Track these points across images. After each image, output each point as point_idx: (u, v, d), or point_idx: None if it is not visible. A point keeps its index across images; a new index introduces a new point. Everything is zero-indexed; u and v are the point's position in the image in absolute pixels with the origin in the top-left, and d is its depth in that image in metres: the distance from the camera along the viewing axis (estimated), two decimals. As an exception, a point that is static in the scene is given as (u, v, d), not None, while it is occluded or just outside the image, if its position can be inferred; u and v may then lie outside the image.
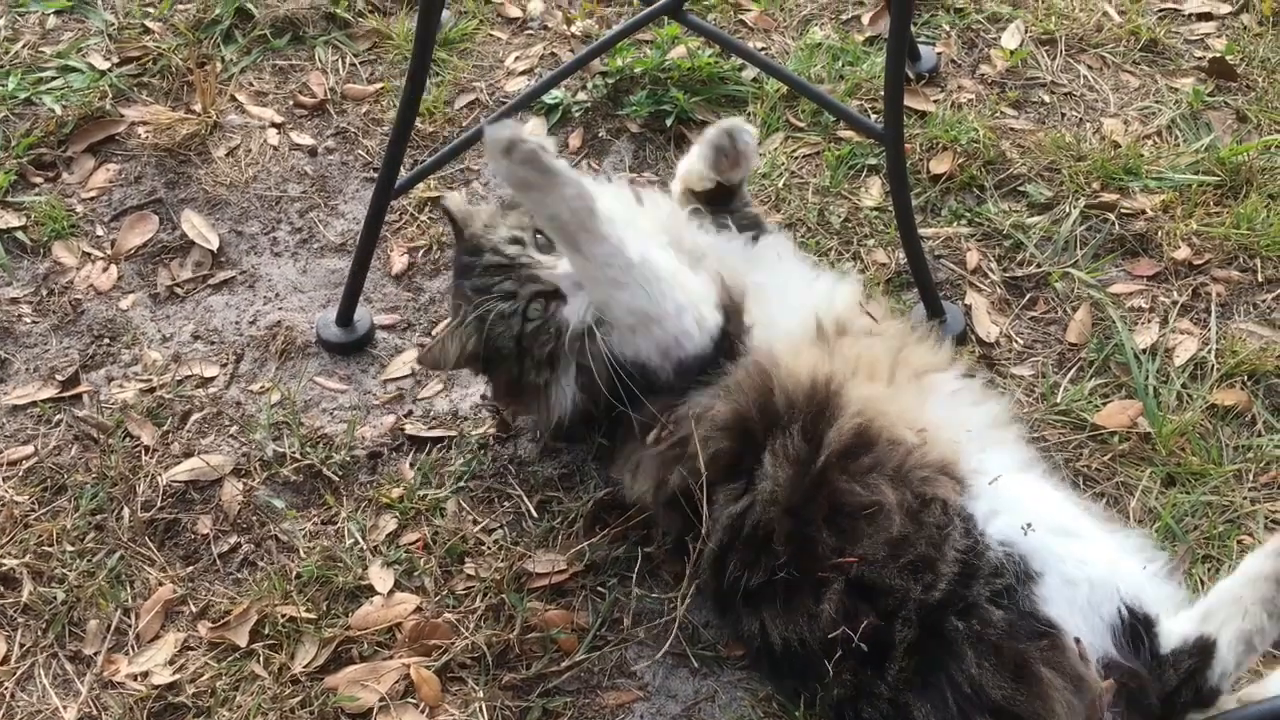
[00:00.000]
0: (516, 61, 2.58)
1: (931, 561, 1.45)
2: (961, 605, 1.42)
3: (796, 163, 2.34)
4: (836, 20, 2.65)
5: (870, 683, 1.45)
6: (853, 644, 1.42)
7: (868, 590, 1.47)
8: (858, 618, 1.44)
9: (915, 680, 1.42)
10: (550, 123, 2.44)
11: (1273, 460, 1.85)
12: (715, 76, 2.46)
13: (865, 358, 1.64)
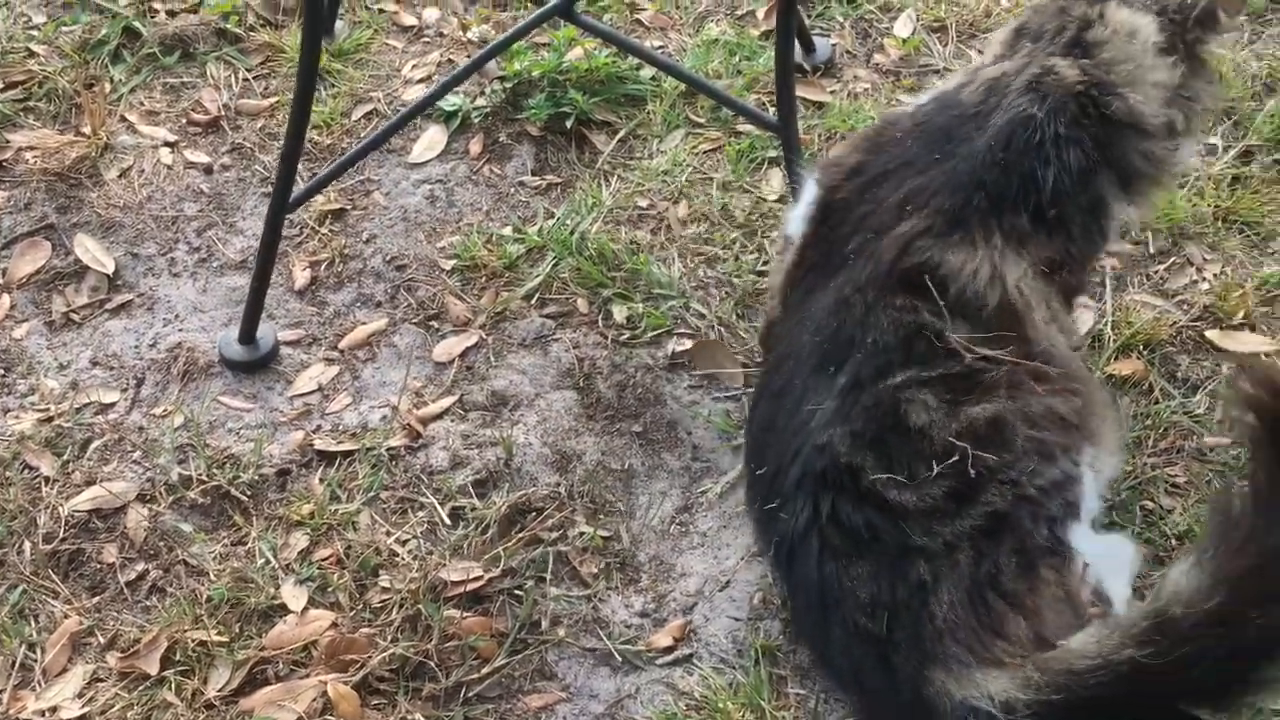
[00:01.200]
0: (414, 70, 2.57)
1: (1051, 454, 1.46)
2: (1038, 506, 1.43)
3: (698, 158, 2.36)
4: (732, 16, 2.67)
5: (942, 513, 1.42)
6: (966, 462, 1.40)
7: (1001, 426, 1.45)
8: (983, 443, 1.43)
9: (971, 539, 1.41)
10: (450, 129, 2.43)
11: (1170, 426, 1.91)
12: (613, 76, 2.47)
13: None
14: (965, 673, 1.35)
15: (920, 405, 1.45)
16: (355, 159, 2.10)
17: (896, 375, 1.47)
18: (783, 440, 1.53)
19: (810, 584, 1.46)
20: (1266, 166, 2.29)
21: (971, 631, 1.37)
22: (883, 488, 1.43)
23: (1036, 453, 1.45)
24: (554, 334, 2.09)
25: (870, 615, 1.41)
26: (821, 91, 2.49)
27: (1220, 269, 2.13)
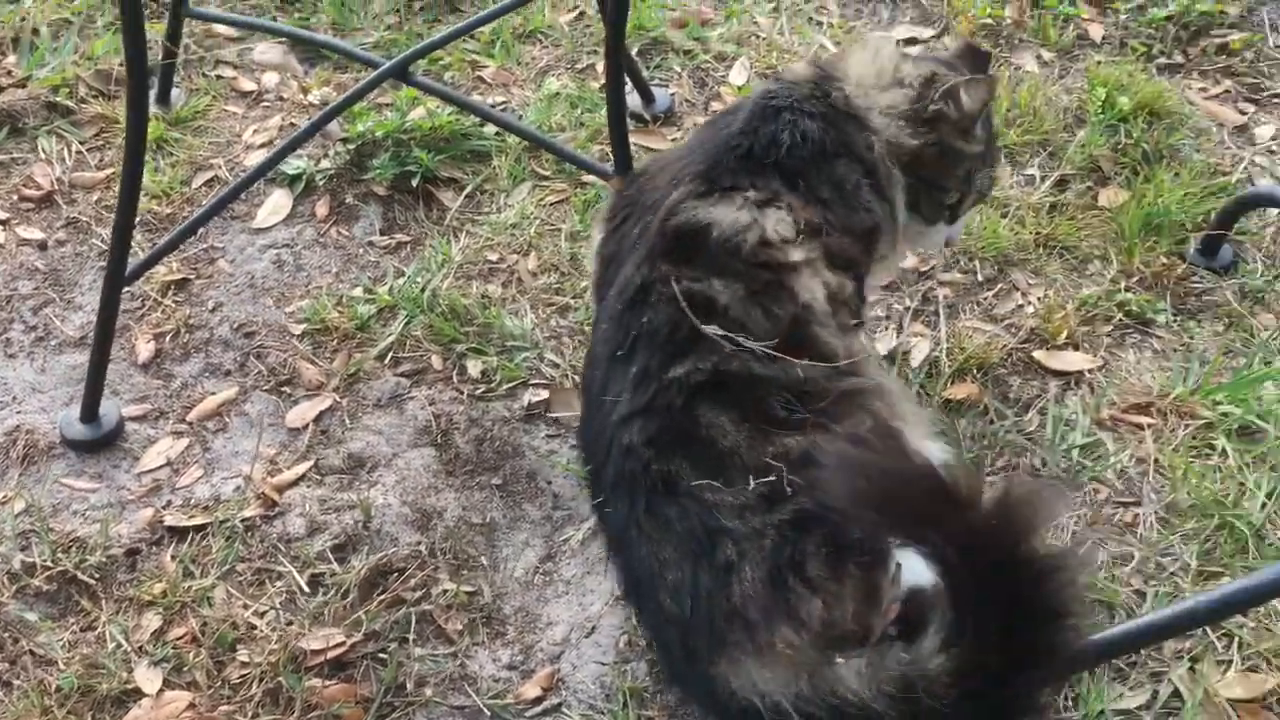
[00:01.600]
0: (255, 135, 2.56)
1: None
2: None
3: (546, 210, 2.40)
4: (573, 70, 2.73)
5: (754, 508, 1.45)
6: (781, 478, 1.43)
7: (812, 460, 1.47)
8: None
9: (780, 528, 1.43)
10: (295, 193, 2.42)
11: (1006, 445, 2.00)
12: (457, 133, 2.50)
13: None
14: (742, 663, 1.38)
15: (720, 430, 1.49)
16: (194, 227, 2.08)
17: (677, 367, 1.52)
18: (597, 435, 1.57)
19: (634, 575, 1.51)
20: (1080, 193, 2.43)
21: (764, 611, 1.39)
22: (699, 491, 1.47)
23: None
24: (409, 392, 2.09)
25: (675, 598, 1.44)
26: (663, 139, 2.56)
27: (1043, 293, 2.25)
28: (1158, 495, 1.92)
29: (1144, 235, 2.31)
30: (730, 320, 1.54)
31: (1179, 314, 2.22)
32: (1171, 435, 2.00)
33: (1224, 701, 1.66)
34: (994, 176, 1.90)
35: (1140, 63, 2.74)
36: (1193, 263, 2.30)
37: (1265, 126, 2.61)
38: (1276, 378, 2.07)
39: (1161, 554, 1.84)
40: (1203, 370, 2.08)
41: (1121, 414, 2.04)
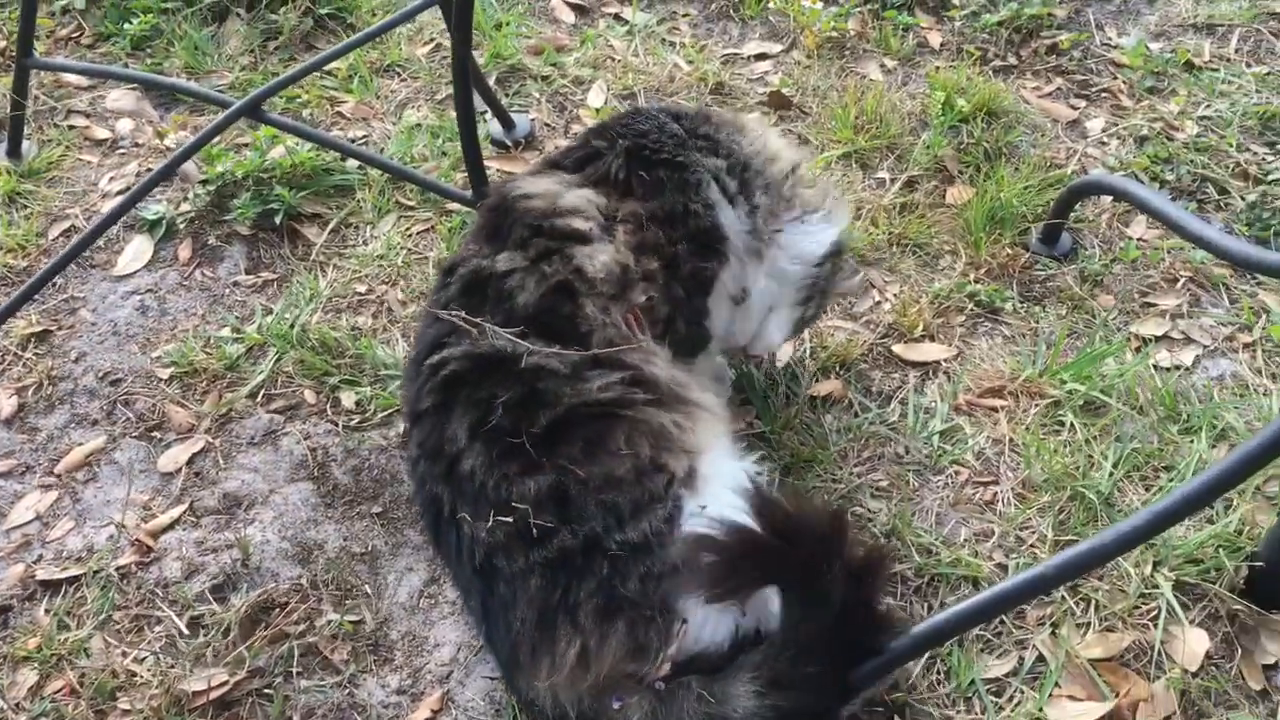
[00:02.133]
0: (111, 182, 2.53)
1: (623, 517, 1.51)
2: (621, 562, 1.49)
3: (412, 239, 2.42)
4: (432, 101, 2.76)
5: (518, 550, 1.52)
6: (528, 524, 1.50)
7: (564, 496, 1.52)
8: (542, 508, 1.51)
9: (545, 574, 1.50)
10: (156, 238, 2.41)
11: (870, 436, 2.08)
12: (319, 169, 2.51)
13: None
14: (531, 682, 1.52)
15: (455, 444, 1.57)
16: (47, 278, 2.06)
17: (434, 356, 1.62)
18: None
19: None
20: (928, 193, 2.54)
21: (532, 647, 1.51)
22: (460, 520, 1.56)
23: (613, 516, 1.52)
24: (283, 428, 2.09)
25: (480, 616, 1.58)
26: (525, 164, 2.59)
27: (899, 289, 2.34)
28: (1014, 473, 2.02)
29: (989, 229, 2.43)
30: (506, 298, 1.64)
31: (1025, 301, 2.33)
32: (1024, 415, 2.10)
33: (1085, 662, 1.75)
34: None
35: (977, 66, 2.87)
36: (1035, 252, 2.42)
37: (1095, 120, 2.77)
38: (1116, 354, 2.20)
39: (1020, 528, 1.93)
40: (1049, 352, 2.19)
41: (977, 399, 2.14)
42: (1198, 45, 2.98)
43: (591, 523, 1.51)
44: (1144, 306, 2.33)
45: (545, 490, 1.52)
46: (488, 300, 1.65)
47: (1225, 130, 2.70)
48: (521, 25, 2.98)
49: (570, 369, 1.59)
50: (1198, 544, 1.86)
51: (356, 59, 2.81)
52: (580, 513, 1.51)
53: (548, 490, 1.52)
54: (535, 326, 1.62)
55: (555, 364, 1.59)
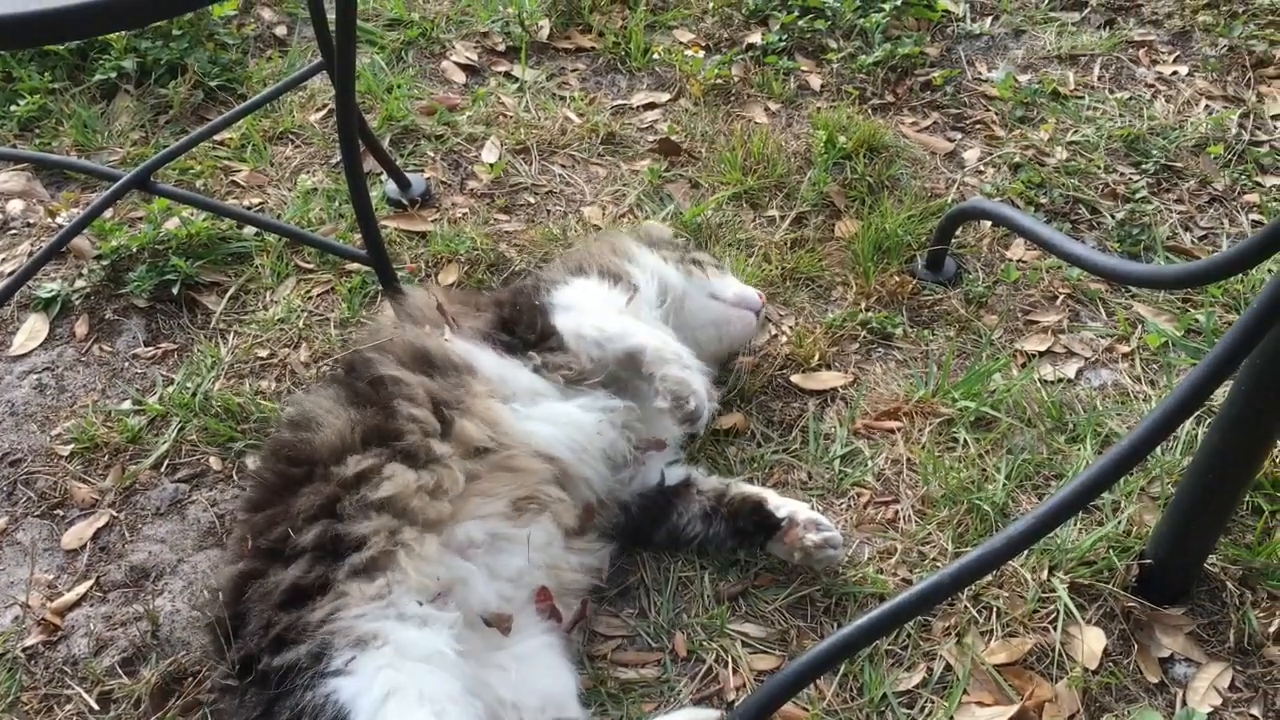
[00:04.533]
0: (3, 264, 2.51)
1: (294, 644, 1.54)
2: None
3: (312, 302, 2.43)
4: (327, 165, 2.79)
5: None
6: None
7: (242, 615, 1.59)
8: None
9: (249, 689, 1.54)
10: (51, 316, 2.38)
11: (774, 464, 2.13)
12: (215, 238, 2.51)
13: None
14: None
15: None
16: (-59, 360, 2.02)
17: None
18: None
19: None
20: (818, 227, 2.63)
21: None
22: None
23: (275, 639, 1.54)
24: (189, 497, 2.07)
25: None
26: (423, 222, 2.63)
27: (794, 321, 2.41)
28: (913, 490, 2.08)
29: (877, 258, 2.51)
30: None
31: (915, 325, 2.41)
32: (919, 435, 2.17)
33: (990, 668, 1.81)
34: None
35: (856, 105, 2.98)
36: (921, 278, 2.51)
37: (971, 150, 2.88)
38: (1003, 371, 2.28)
39: (921, 543, 1.99)
40: (939, 373, 2.27)
41: (874, 421, 2.20)
42: (1063, 75, 3.13)
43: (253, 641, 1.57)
44: (1027, 324, 2.43)
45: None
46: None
47: (1093, 153, 2.84)
48: (413, 88, 3.02)
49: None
50: (1090, 546, 1.93)
51: (249, 128, 2.82)
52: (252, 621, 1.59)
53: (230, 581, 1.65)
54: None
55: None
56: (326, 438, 1.72)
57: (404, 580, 1.59)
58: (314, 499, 1.65)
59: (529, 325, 1.94)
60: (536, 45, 3.20)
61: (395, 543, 1.62)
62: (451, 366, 1.85)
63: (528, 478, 1.78)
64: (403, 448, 1.71)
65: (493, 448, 1.77)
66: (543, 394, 1.88)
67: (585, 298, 2.01)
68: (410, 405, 1.76)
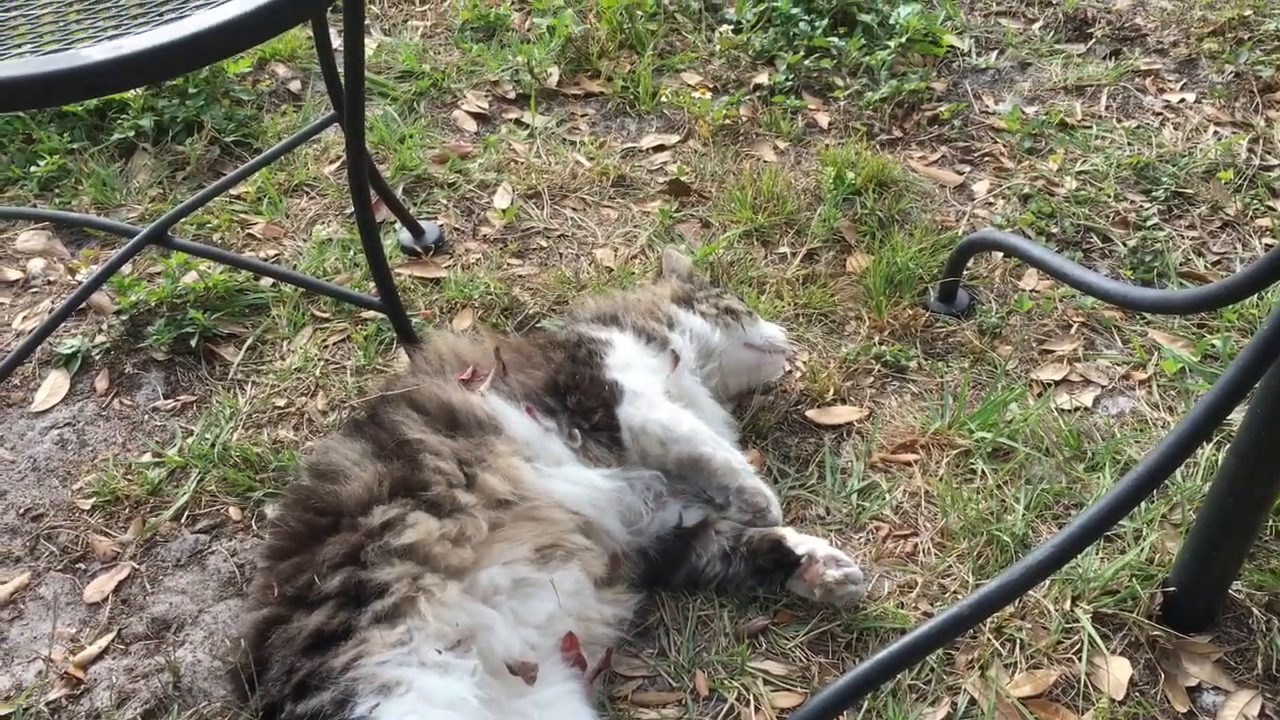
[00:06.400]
0: (25, 321, 2.54)
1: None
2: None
3: (329, 350, 2.46)
4: (342, 215, 2.82)
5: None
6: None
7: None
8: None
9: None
10: (71, 372, 2.41)
11: (791, 500, 2.13)
12: (232, 290, 2.54)
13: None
14: None
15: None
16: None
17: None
18: None
19: None
20: (829, 263, 2.64)
21: None
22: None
23: (298, 685, 1.56)
24: (209, 547, 2.08)
25: None
26: (437, 268, 2.66)
27: (808, 356, 2.41)
28: (931, 523, 2.07)
29: (889, 292, 2.52)
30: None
31: (929, 357, 2.41)
32: (936, 467, 2.16)
33: (1015, 701, 1.79)
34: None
35: (864, 141, 3.00)
36: (934, 310, 2.51)
37: (980, 182, 2.90)
38: (1019, 400, 2.28)
39: (942, 576, 1.98)
40: (955, 404, 2.27)
41: (891, 454, 2.20)
42: (1070, 106, 3.14)
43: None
44: (1042, 353, 2.43)
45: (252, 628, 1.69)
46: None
47: (1103, 182, 2.84)
48: (425, 137, 3.06)
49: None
50: (1112, 575, 1.92)
51: (265, 181, 2.86)
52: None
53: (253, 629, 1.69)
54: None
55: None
56: (354, 490, 1.74)
57: (424, 627, 1.59)
58: (339, 547, 1.66)
59: (586, 406, 1.96)
60: (546, 92, 3.24)
61: (417, 589, 1.62)
62: (476, 424, 1.87)
63: (551, 526, 1.79)
64: (428, 498, 1.73)
65: (514, 500, 1.78)
66: (567, 461, 1.90)
67: (635, 369, 2.04)
68: (436, 459, 1.78)
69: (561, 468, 1.88)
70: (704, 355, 2.17)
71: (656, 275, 2.50)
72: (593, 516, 1.86)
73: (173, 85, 3.06)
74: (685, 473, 1.99)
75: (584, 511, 1.85)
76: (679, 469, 1.98)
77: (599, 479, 1.90)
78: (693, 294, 2.28)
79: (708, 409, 2.11)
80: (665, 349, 2.11)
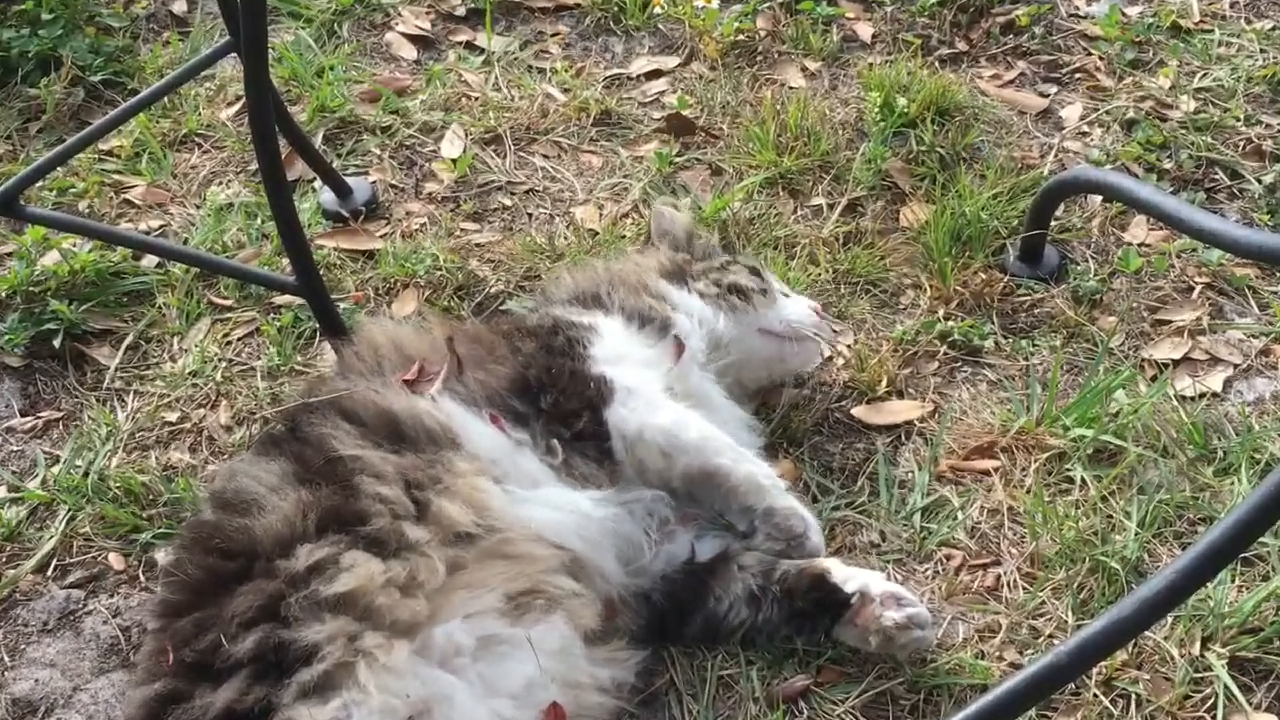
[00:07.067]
0: None
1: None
2: None
3: (233, 348, 2.45)
4: (245, 174, 2.81)
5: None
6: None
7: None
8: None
9: None
10: (-100, 384, 2.41)
11: (836, 524, 2.12)
12: (106, 274, 2.54)
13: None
14: None
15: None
16: None
17: None
18: None
19: None
20: (877, 216, 2.63)
21: None
22: None
23: None
24: (84, 606, 2.08)
25: None
26: (370, 238, 2.65)
27: (852, 338, 2.41)
28: (1017, 548, 2.07)
29: (955, 252, 2.51)
30: None
31: (1009, 334, 2.41)
32: (1022, 475, 2.16)
33: (1133, 773, 1.79)
34: None
35: (919, 58, 3.00)
36: (1015, 274, 2.51)
37: (1071, 107, 2.89)
38: (1127, 387, 2.27)
39: (1032, 615, 1.97)
40: (1045, 394, 2.26)
41: (963, 461, 2.20)
42: (1184, 4, 3.14)
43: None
44: (1155, 325, 2.42)
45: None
46: None
47: (1229, 102, 2.84)
48: (350, 68, 3.05)
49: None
50: (1253, 609, 1.92)
51: (144, 132, 2.86)
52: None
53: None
54: None
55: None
56: (271, 524, 1.72)
57: (365, 701, 1.58)
58: (253, 598, 1.65)
59: (566, 409, 1.95)
60: (505, 5, 3.24)
61: (354, 651, 1.61)
62: (427, 436, 1.85)
63: (528, 566, 1.78)
64: (368, 534, 1.71)
65: (479, 533, 1.77)
66: (545, 482, 1.89)
67: (628, 361, 2.03)
68: (377, 483, 1.76)
69: (539, 490, 1.87)
70: (712, 346, 2.16)
71: (645, 241, 2.49)
72: (581, 552, 1.85)
73: (20, 10, 3.05)
74: (697, 492, 1.98)
75: (570, 545, 1.84)
76: (688, 487, 1.97)
77: (587, 504, 1.89)
78: (687, 266, 2.27)
79: (722, 410, 2.10)
80: (666, 335, 2.09)
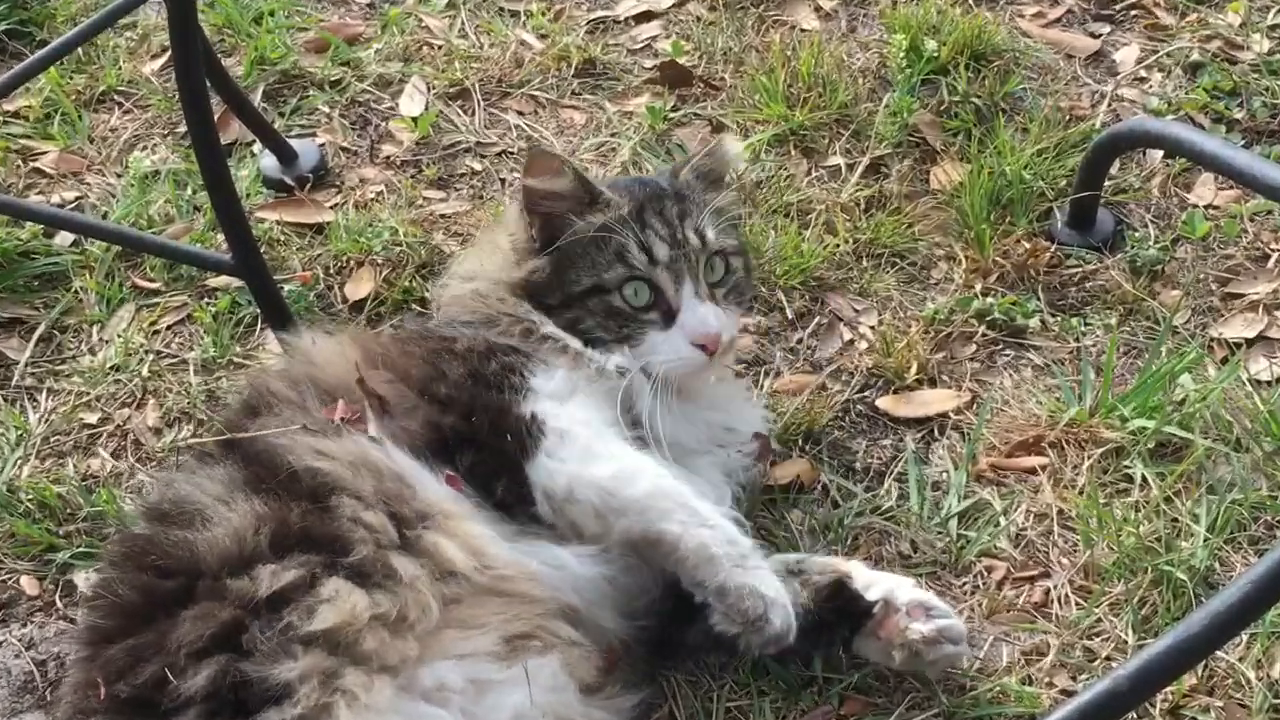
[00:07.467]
0: None
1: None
2: None
3: (162, 337, 2.46)
4: (174, 136, 2.82)
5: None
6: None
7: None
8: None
9: None
10: None
11: (860, 531, 2.13)
12: (11, 254, 2.55)
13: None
14: None
15: None
16: None
17: None
18: None
19: None
20: (903, 177, 2.64)
21: None
22: None
23: None
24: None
25: None
26: (319, 209, 2.66)
27: (876, 318, 2.42)
28: (1069, 558, 2.08)
29: (994, 218, 2.53)
30: None
31: (1057, 312, 2.43)
32: (1074, 474, 2.17)
33: (1203, 815, 1.81)
34: None
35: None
36: (1063, 242, 2.52)
37: (1126, 49, 2.91)
38: (1193, 370, 2.28)
39: (1087, 634, 1.99)
40: (1099, 380, 2.27)
41: (1006, 459, 2.21)
42: (1256, -72, 3.15)
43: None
44: (1225, 299, 2.44)
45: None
46: None
47: (1309, 41, 2.85)
48: (293, 13, 3.06)
49: None
50: (1340, 623, 1.93)
51: (54, 90, 2.86)
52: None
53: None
54: None
55: None
56: (215, 538, 1.72)
57: None
58: (204, 625, 1.65)
59: (485, 469, 1.90)
60: (472, -61, 3.25)
61: (333, 691, 1.62)
62: (394, 476, 1.85)
63: (526, 608, 1.78)
64: (350, 564, 1.71)
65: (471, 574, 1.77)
66: (529, 535, 1.88)
67: (579, 395, 1.97)
68: (358, 505, 1.77)
69: (525, 542, 1.87)
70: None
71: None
72: (578, 605, 1.86)
73: (-91, -50, 3.06)
74: (641, 556, 1.90)
75: (567, 599, 1.84)
76: (629, 550, 1.90)
77: (574, 562, 1.88)
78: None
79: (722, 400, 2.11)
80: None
